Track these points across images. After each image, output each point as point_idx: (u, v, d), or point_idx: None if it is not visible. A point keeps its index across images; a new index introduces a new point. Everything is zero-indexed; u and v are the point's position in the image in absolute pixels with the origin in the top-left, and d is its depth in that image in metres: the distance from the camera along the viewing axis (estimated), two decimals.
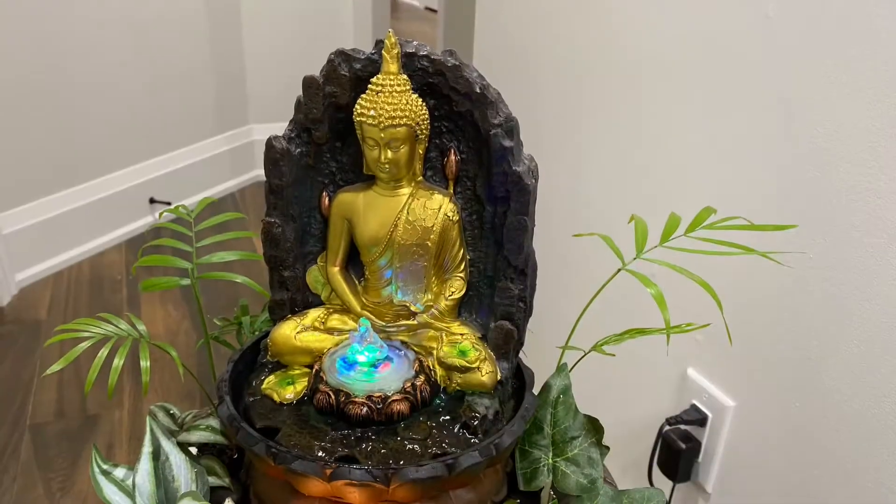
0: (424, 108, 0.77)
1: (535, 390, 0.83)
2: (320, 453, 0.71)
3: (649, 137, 1.23)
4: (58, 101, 2.59)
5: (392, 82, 0.75)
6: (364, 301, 0.84)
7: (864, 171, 0.90)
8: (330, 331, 0.82)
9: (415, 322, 0.83)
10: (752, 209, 1.04)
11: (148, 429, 0.77)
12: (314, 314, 0.84)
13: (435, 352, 0.79)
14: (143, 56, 2.86)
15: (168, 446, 0.76)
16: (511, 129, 0.75)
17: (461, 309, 0.85)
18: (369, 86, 0.76)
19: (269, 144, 0.78)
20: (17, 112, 2.45)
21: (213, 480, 0.79)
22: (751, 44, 1.02)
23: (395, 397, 0.74)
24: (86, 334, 0.80)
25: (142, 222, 3.00)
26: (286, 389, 0.79)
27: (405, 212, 0.80)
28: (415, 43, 0.76)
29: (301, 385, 0.79)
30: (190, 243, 0.92)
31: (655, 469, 1.26)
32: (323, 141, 0.80)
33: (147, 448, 0.75)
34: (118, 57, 2.76)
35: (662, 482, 1.25)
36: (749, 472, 1.15)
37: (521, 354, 0.85)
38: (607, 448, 0.81)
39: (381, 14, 3.57)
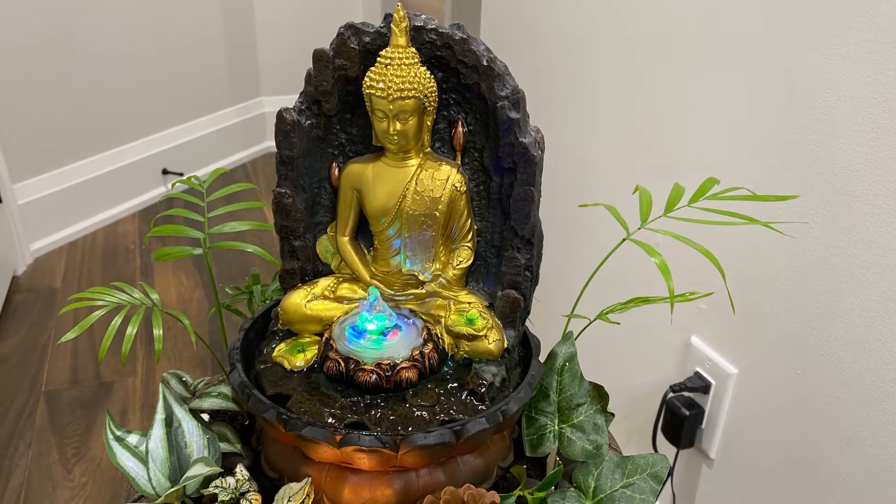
0: (432, 80, 0.77)
1: (542, 358, 0.84)
2: (330, 420, 0.72)
3: (654, 109, 1.24)
4: (71, 73, 2.59)
5: (401, 55, 0.75)
6: (373, 270, 0.85)
7: (865, 141, 0.90)
8: (339, 299, 0.83)
9: (423, 291, 0.84)
10: (755, 180, 1.04)
11: (161, 396, 0.78)
12: (324, 283, 0.85)
13: (443, 320, 0.80)
14: (156, 28, 2.86)
15: (180, 413, 0.78)
16: (517, 101, 0.75)
17: (468, 278, 0.85)
18: (378, 59, 0.76)
19: (280, 116, 0.79)
20: (32, 84, 2.46)
21: (224, 446, 0.80)
22: (753, 14, 1.01)
23: (403, 365, 0.75)
24: (99, 303, 0.81)
25: (155, 193, 3.02)
26: (296, 357, 0.80)
27: (413, 182, 0.80)
28: (423, 16, 0.76)
29: (311, 353, 0.80)
30: (202, 213, 0.92)
31: (659, 435, 1.28)
32: (333, 113, 0.81)
33: (160, 415, 0.77)
34: (131, 29, 2.76)
35: (666, 448, 1.27)
36: (751, 438, 1.16)
37: (527, 323, 0.86)
38: (612, 415, 0.82)
39: None
